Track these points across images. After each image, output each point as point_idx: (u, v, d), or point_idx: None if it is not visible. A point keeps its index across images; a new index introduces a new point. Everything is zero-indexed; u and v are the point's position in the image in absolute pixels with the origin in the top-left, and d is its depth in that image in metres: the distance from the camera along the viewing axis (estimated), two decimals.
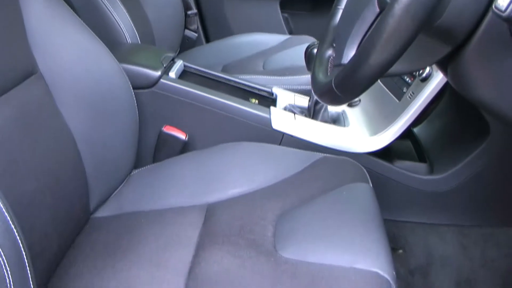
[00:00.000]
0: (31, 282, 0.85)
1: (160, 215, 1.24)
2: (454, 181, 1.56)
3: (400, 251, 1.68)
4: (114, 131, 1.34)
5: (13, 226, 0.81)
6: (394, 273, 1.00)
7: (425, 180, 1.58)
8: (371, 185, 1.31)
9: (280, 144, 1.52)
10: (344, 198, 1.22)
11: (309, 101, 1.68)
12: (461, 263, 1.66)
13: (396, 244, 1.67)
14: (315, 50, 1.31)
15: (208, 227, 1.16)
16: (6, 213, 0.81)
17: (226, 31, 2.74)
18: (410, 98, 1.49)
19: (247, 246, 1.07)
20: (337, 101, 0.89)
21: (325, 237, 1.08)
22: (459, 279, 1.65)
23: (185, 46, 2.62)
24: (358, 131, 1.60)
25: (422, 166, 1.62)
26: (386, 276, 0.98)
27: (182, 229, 1.17)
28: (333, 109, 1.74)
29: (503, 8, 0.69)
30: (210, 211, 1.22)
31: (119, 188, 1.39)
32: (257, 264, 1.02)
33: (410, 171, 1.58)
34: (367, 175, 1.35)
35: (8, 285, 0.79)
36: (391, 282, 0.97)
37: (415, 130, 1.79)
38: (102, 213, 1.30)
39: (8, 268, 0.79)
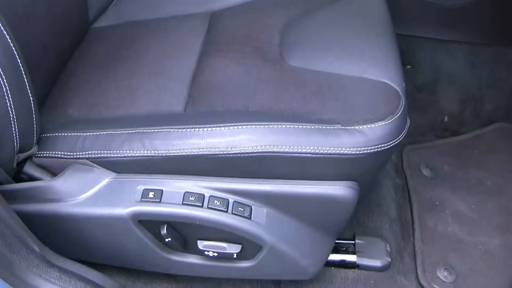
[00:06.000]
0: (29, 91, 0.84)
1: (161, 23, 1.20)
2: None
3: (408, 66, 1.67)
4: None
5: (5, 32, 0.79)
6: (403, 84, 0.98)
7: None
8: None
9: None
10: (354, 8, 1.16)
11: None
12: (468, 81, 1.66)
13: (404, 59, 1.64)
14: None
15: (212, 35, 1.12)
16: None
17: None
18: None
19: (252, 54, 1.04)
20: None
21: (334, 46, 1.05)
22: (465, 97, 1.65)
23: None
24: None
25: None
26: (395, 86, 0.95)
27: (185, 37, 1.13)
28: None
29: None
30: (214, 19, 1.17)
31: None
32: (262, 71, 0.99)
33: None
34: None
35: (5, 93, 0.79)
36: (400, 93, 0.95)
37: None
38: (101, 23, 1.27)
39: (3, 76, 0.78)
